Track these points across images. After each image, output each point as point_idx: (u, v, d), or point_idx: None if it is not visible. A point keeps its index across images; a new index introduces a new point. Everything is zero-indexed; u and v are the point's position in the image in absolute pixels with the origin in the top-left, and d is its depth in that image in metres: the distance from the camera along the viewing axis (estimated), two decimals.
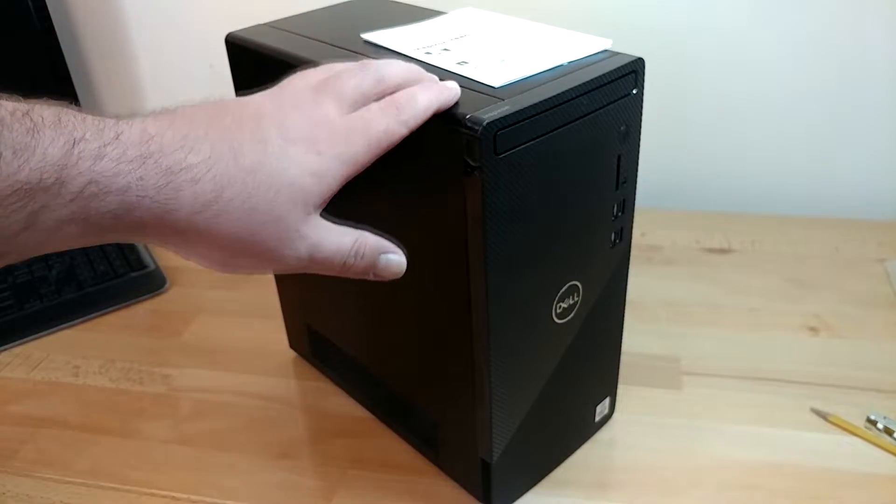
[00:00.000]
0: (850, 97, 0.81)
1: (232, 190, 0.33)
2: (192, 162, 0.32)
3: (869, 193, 0.85)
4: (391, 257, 0.40)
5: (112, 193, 0.30)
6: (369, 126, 0.36)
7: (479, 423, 0.47)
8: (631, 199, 0.48)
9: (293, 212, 0.34)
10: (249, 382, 0.64)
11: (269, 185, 0.33)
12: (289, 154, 0.34)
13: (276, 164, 0.34)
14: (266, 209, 0.33)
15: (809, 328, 0.67)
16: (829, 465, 0.53)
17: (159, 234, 0.33)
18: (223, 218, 0.33)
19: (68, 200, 0.29)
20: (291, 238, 0.35)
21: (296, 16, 0.54)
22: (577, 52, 0.44)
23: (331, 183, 0.35)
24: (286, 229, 0.34)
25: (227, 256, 0.35)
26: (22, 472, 0.57)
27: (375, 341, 0.55)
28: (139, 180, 0.30)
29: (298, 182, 0.34)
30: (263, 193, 0.33)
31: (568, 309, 0.47)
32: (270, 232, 0.34)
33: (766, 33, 0.79)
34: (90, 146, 0.29)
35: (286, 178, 0.34)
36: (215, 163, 0.32)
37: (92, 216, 0.30)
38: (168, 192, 0.31)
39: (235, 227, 0.33)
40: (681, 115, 0.85)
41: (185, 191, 0.31)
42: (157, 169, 0.31)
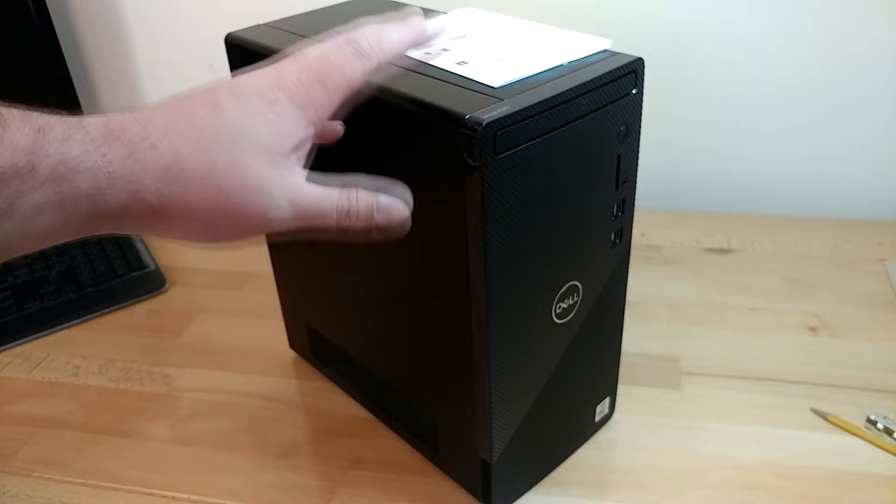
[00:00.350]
0: (849, 97, 0.81)
1: (188, 148, 0.33)
2: (149, 132, 0.33)
3: (869, 193, 0.85)
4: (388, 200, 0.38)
5: (82, 173, 0.31)
6: (323, 65, 0.35)
7: (479, 423, 0.47)
8: (631, 199, 0.48)
9: (256, 161, 0.33)
10: (249, 382, 0.64)
11: (225, 137, 0.33)
12: (241, 108, 0.34)
13: (229, 118, 0.34)
14: (226, 159, 0.33)
15: (809, 328, 0.67)
16: (829, 465, 0.53)
17: (134, 213, 0.33)
18: (187, 177, 0.33)
19: (41, 183, 0.30)
20: (262, 187, 0.34)
21: (296, 16, 0.54)
22: (577, 52, 0.44)
23: (291, 129, 0.34)
24: (254, 182, 0.33)
25: (207, 225, 0.34)
26: (22, 472, 0.57)
27: (375, 341, 0.55)
28: (104, 157, 0.31)
29: (255, 130, 0.34)
30: (220, 146, 0.33)
31: (568, 309, 0.47)
32: (236, 182, 0.33)
33: (766, 33, 0.79)
34: (56, 131, 0.31)
35: (241, 128, 0.33)
36: (170, 130, 0.33)
37: (67, 200, 0.31)
38: (132, 163, 0.32)
39: (202, 186, 0.33)
40: (681, 115, 0.85)
41: (147, 159, 0.32)
42: (119, 144, 0.32)
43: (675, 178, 0.88)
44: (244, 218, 0.34)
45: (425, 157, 0.41)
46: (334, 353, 0.60)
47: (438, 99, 0.39)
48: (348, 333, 0.57)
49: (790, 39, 0.79)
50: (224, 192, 0.33)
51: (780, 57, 0.80)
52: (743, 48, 0.80)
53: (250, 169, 0.33)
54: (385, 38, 0.37)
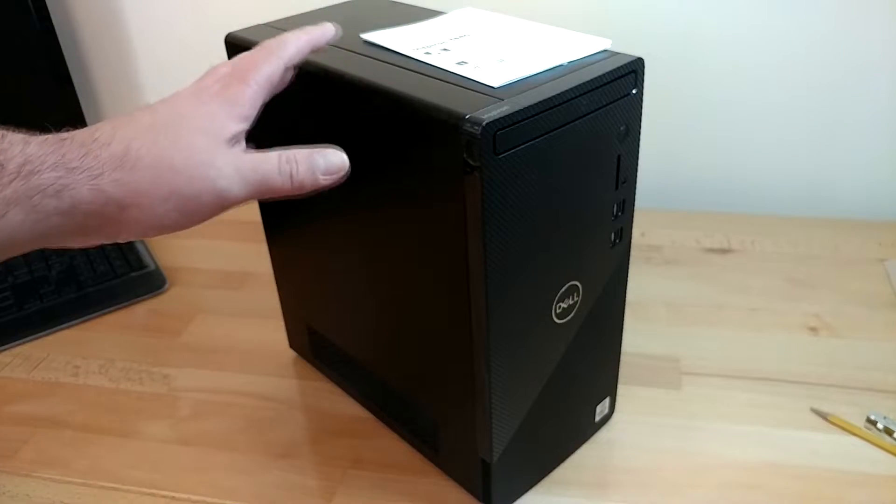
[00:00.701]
0: (850, 97, 0.81)
1: (138, 141, 0.36)
2: (98, 135, 0.36)
3: (869, 193, 0.85)
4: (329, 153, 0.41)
5: (45, 170, 0.34)
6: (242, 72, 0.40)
7: (479, 423, 0.47)
8: (631, 199, 0.48)
9: (196, 140, 0.37)
10: (249, 382, 0.64)
11: (169, 124, 0.37)
12: (179, 103, 0.39)
13: (170, 112, 0.38)
14: (172, 143, 0.37)
15: (809, 328, 0.67)
16: (829, 465, 0.53)
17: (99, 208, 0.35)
18: (141, 165, 0.36)
19: (10, 180, 0.33)
20: (208, 163, 0.37)
21: (296, 16, 0.54)
22: (577, 52, 0.44)
23: (224, 122, 0.38)
24: (200, 155, 0.37)
25: (168, 208, 0.37)
26: (22, 472, 0.57)
27: (375, 341, 0.55)
28: (62, 156, 0.34)
29: (194, 114, 0.38)
30: (164, 131, 0.37)
31: (568, 309, 0.47)
32: (186, 161, 0.37)
33: (767, 34, 0.79)
34: (15, 136, 0.34)
35: (181, 113, 0.38)
36: (118, 129, 0.37)
37: (34, 195, 0.33)
38: (89, 160, 0.35)
39: (155, 172, 0.36)
40: (680, 115, 0.85)
41: (101, 155, 0.35)
42: (73, 144, 0.35)
43: (675, 178, 0.88)
44: (198, 193, 0.37)
45: (425, 157, 0.41)
46: (334, 353, 0.60)
47: (438, 99, 0.39)
48: (348, 333, 0.57)
49: (791, 40, 0.79)
50: (175, 172, 0.37)
51: (780, 57, 0.80)
52: (743, 48, 0.80)
53: (193, 146, 0.37)
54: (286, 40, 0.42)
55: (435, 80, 0.42)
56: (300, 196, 0.40)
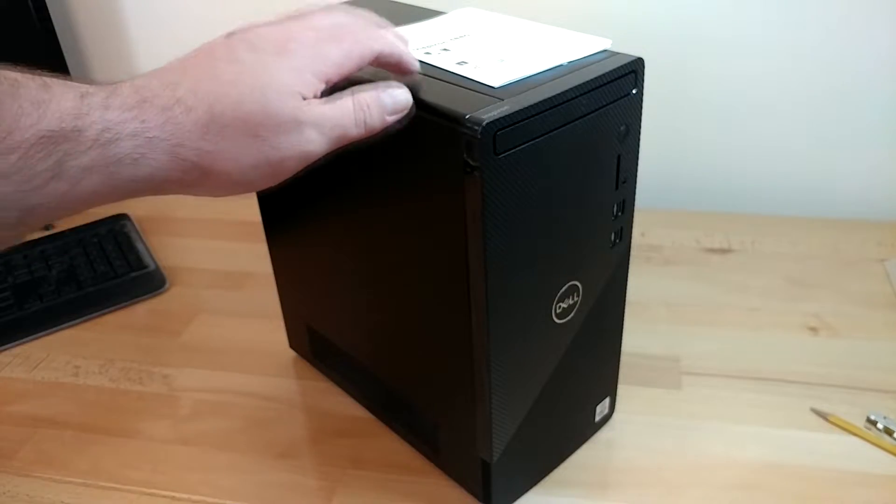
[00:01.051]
0: (850, 97, 0.81)
1: (221, 104, 0.35)
2: (179, 95, 0.34)
3: (869, 193, 0.85)
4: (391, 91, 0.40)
5: (124, 138, 0.32)
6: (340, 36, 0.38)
7: (479, 423, 0.47)
8: (631, 199, 0.48)
9: (283, 102, 0.36)
10: (249, 382, 0.64)
11: (253, 86, 0.35)
12: (262, 60, 0.36)
13: (254, 70, 0.36)
14: (259, 109, 0.35)
15: (809, 328, 0.67)
16: (829, 465, 0.53)
17: (180, 173, 0.35)
18: (227, 133, 0.35)
19: (88, 147, 0.32)
20: (293, 125, 0.36)
21: None
22: (577, 52, 0.44)
23: (310, 78, 0.37)
24: (285, 120, 0.36)
25: (248, 172, 0.36)
26: (22, 472, 0.57)
27: (375, 341, 0.55)
28: (143, 123, 0.33)
29: (279, 77, 0.36)
30: (250, 96, 0.35)
31: (568, 309, 0.47)
32: (273, 128, 0.36)
33: (767, 34, 0.79)
34: (96, 98, 0.32)
35: (266, 77, 0.36)
36: (199, 89, 0.35)
37: (111, 163, 0.32)
38: (170, 126, 0.34)
39: (239, 136, 0.35)
40: (680, 115, 0.85)
41: (184, 121, 0.34)
42: (154, 109, 0.33)
43: (675, 178, 0.88)
44: (284, 157, 0.37)
45: (425, 157, 0.41)
46: (334, 353, 0.60)
47: (438, 99, 0.39)
48: (348, 333, 0.57)
49: (791, 40, 0.79)
50: (262, 140, 0.35)
51: (780, 57, 0.80)
52: (743, 48, 0.80)
53: (282, 112, 0.36)
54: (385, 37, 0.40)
55: (435, 80, 0.42)
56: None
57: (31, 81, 0.31)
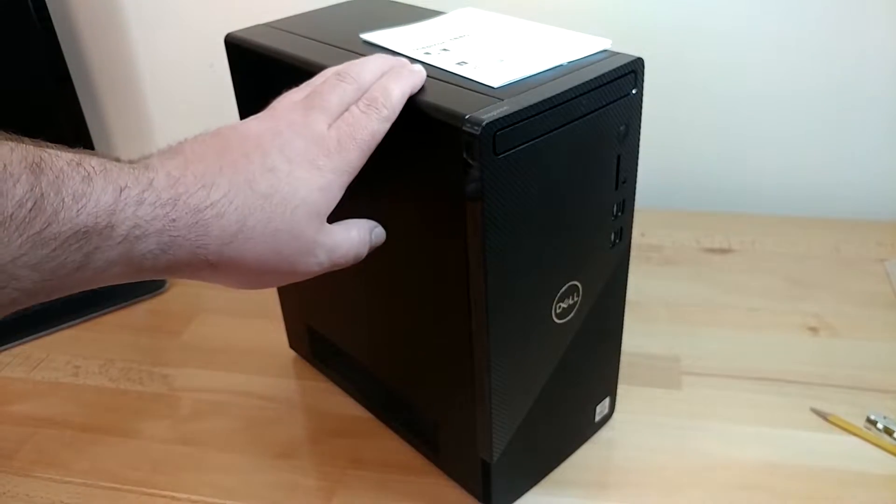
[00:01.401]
0: (850, 97, 0.81)
1: (254, 218, 0.36)
2: (214, 199, 0.35)
3: (869, 193, 0.85)
4: (377, 231, 0.44)
5: (151, 235, 0.33)
6: (356, 132, 0.39)
7: (479, 423, 0.47)
8: (631, 199, 0.48)
9: (309, 225, 0.38)
10: (249, 382, 0.64)
11: (286, 206, 0.36)
12: (296, 175, 0.37)
13: (288, 187, 0.37)
14: (287, 228, 0.37)
15: (809, 328, 0.67)
16: (829, 465, 0.53)
17: (192, 268, 0.35)
18: (250, 244, 0.36)
19: (117, 243, 0.32)
20: (311, 249, 0.38)
21: (296, 16, 0.54)
22: (577, 52, 0.44)
23: (336, 193, 0.38)
24: (306, 242, 0.38)
25: (255, 277, 0.38)
26: (22, 472, 0.57)
27: (375, 341, 0.55)
28: (172, 222, 0.33)
29: (309, 198, 0.37)
30: (281, 215, 0.36)
31: (568, 309, 0.47)
32: (293, 248, 0.37)
33: (767, 33, 0.79)
34: (132, 193, 0.32)
35: (298, 197, 0.37)
36: (235, 196, 0.35)
37: (135, 257, 0.33)
38: (198, 229, 0.34)
39: (261, 249, 0.36)
40: (680, 115, 0.85)
41: (213, 226, 0.34)
42: (186, 209, 0.34)
43: (675, 178, 0.88)
44: (292, 274, 0.39)
45: (425, 157, 0.41)
46: (334, 353, 0.60)
47: (438, 99, 0.39)
48: (348, 333, 0.57)
49: (791, 40, 0.79)
50: (280, 255, 0.37)
51: (780, 58, 0.80)
52: (743, 48, 0.80)
53: (305, 234, 0.38)
54: (392, 94, 0.40)
55: (435, 80, 0.42)
56: None
57: (74, 172, 0.31)
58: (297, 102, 0.40)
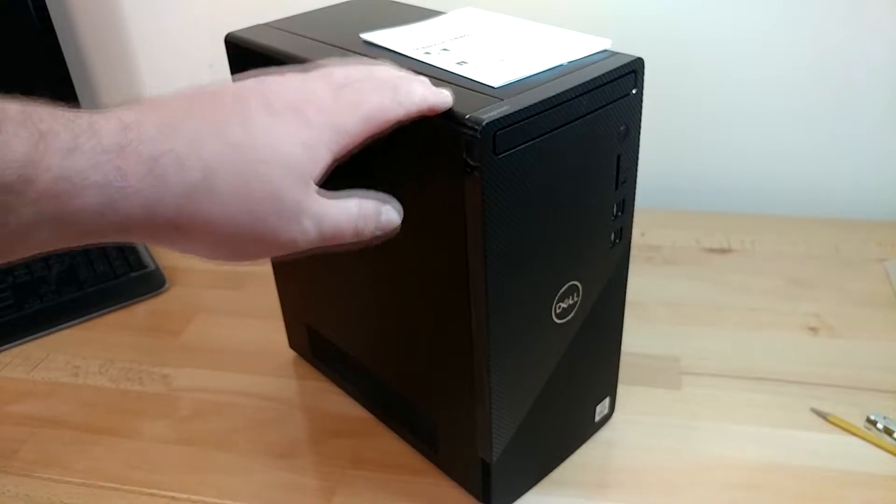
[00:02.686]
0: (850, 97, 0.81)
1: (219, 167, 0.30)
2: (174, 145, 0.30)
3: (869, 193, 0.85)
4: (388, 209, 0.39)
5: (89, 188, 0.28)
6: (362, 99, 0.35)
7: (479, 423, 0.47)
8: (631, 199, 0.48)
9: (290, 185, 0.32)
10: (249, 382, 0.64)
11: (260, 159, 0.31)
12: (276, 126, 0.32)
13: (265, 138, 0.32)
14: (260, 185, 0.31)
15: (809, 328, 0.67)
16: (829, 465, 0.53)
17: (150, 229, 0.30)
18: (216, 200, 0.31)
19: (35, 199, 0.27)
20: (293, 213, 0.33)
21: (296, 16, 0.54)
22: (577, 52, 0.44)
23: (324, 154, 0.33)
24: (285, 204, 0.32)
25: (230, 244, 0.33)
26: (22, 472, 0.57)
27: (375, 341, 0.55)
28: (117, 170, 0.28)
29: (290, 153, 0.32)
30: (255, 168, 0.31)
31: (568, 309, 0.47)
32: (269, 208, 0.32)
33: (767, 35, 0.79)
34: (60, 139, 0.27)
35: (276, 150, 0.32)
36: (200, 143, 0.30)
37: (67, 216, 0.28)
38: (151, 179, 0.29)
39: (231, 209, 0.31)
40: (680, 115, 0.85)
41: (171, 176, 0.29)
42: (137, 157, 0.29)
43: (675, 178, 0.88)
44: (272, 242, 0.33)
45: (425, 157, 0.41)
46: (334, 353, 0.60)
47: None
48: (348, 333, 0.57)
49: (791, 41, 0.79)
50: (253, 215, 0.32)
51: (780, 57, 0.80)
52: (743, 49, 0.80)
53: (283, 195, 0.32)
54: (416, 91, 0.37)
55: (435, 80, 0.41)
56: None
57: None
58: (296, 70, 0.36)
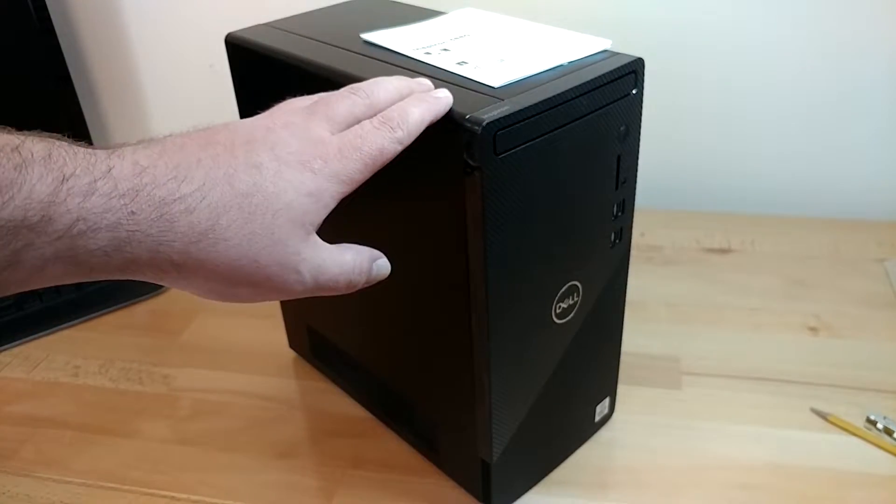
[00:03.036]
0: (850, 97, 0.81)
1: (228, 216, 0.31)
2: (185, 192, 0.31)
3: (869, 193, 0.85)
4: (381, 262, 0.40)
5: (102, 230, 0.29)
6: (364, 144, 0.35)
7: (479, 423, 0.47)
8: (631, 199, 0.48)
9: (293, 234, 0.33)
10: (249, 382, 0.64)
11: (267, 207, 0.32)
12: (284, 176, 0.33)
13: (272, 187, 0.33)
14: (265, 233, 0.32)
15: (809, 328, 0.67)
16: (829, 465, 0.53)
17: (154, 269, 0.31)
18: (221, 246, 0.32)
19: (54, 239, 0.28)
20: (293, 262, 0.34)
21: (296, 16, 0.54)
22: (577, 52, 0.44)
23: (328, 202, 0.35)
24: (287, 253, 0.33)
25: (227, 286, 0.33)
26: (21, 472, 0.57)
27: (375, 341, 0.55)
28: (130, 215, 0.29)
29: (296, 203, 0.33)
30: (261, 217, 0.32)
31: (568, 309, 0.47)
32: (272, 257, 0.33)
33: (767, 35, 0.79)
34: (80, 182, 0.28)
35: (283, 199, 0.33)
36: (210, 190, 0.31)
37: (80, 254, 0.29)
38: (161, 224, 0.30)
39: (235, 254, 0.32)
40: (680, 115, 0.85)
41: (180, 222, 0.30)
42: (150, 201, 0.30)
43: (675, 178, 0.88)
44: (268, 287, 0.34)
45: (425, 157, 0.41)
46: (334, 353, 0.60)
47: None
48: (348, 333, 0.57)
49: (791, 41, 0.79)
50: (256, 263, 0.33)
51: (780, 58, 0.80)
52: (743, 49, 0.80)
53: (287, 244, 0.33)
54: (410, 117, 0.37)
55: (435, 80, 0.41)
56: None
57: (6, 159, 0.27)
58: (300, 108, 0.37)
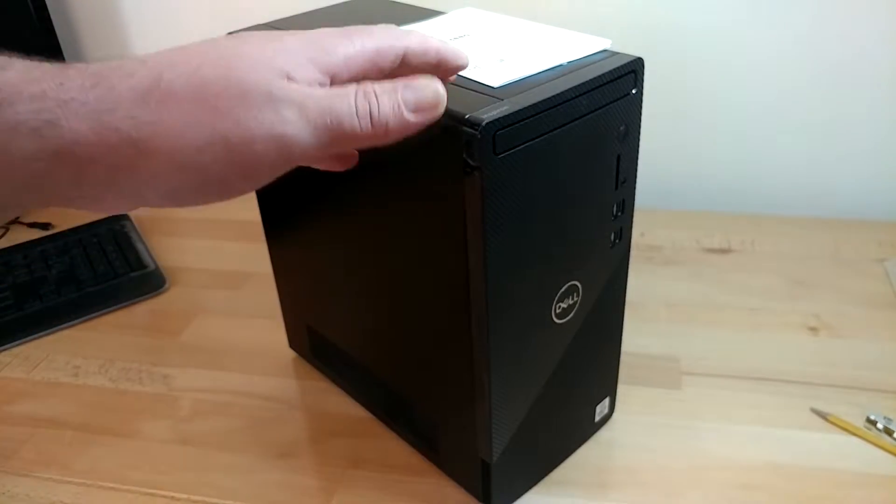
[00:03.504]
0: (849, 97, 0.81)
1: (173, 71, 0.27)
2: (124, 63, 0.28)
3: (869, 193, 0.85)
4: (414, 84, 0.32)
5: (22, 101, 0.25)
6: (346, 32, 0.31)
7: (479, 423, 0.47)
8: (630, 199, 0.48)
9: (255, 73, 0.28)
10: (249, 382, 0.64)
11: (220, 56, 0.28)
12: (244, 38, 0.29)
13: (229, 43, 0.29)
14: (219, 74, 0.27)
15: (809, 328, 0.67)
16: (829, 465, 0.53)
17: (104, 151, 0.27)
18: (172, 102, 0.27)
19: None
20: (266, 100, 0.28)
21: (296, 16, 0.54)
22: (577, 52, 0.44)
23: (302, 61, 0.29)
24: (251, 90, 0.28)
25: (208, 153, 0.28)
26: (21, 472, 0.57)
27: (375, 341, 0.55)
28: (58, 84, 0.26)
29: (258, 52, 0.29)
30: (212, 65, 0.28)
31: (568, 309, 0.47)
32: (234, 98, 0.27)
33: (766, 33, 0.79)
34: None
35: (242, 50, 0.28)
36: (151, 58, 0.28)
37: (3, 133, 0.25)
38: (99, 90, 0.26)
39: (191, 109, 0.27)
40: (680, 115, 0.85)
41: (119, 87, 0.27)
42: (82, 73, 0.26)
43: (676, 178, 0.88)
44: (249, 138, 0.28)
45: (425, 157, 0.41)
46: (334, 353, 0.60)
47: None
48: (348, 333, 0.57)
49: (790, 40, 0.79)
50: (217, 112, 0.27)
51: (779, 57, 0.80)
52: (743, 48, 0.80)
53: (246, 80, 0.28)
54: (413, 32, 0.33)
55: None
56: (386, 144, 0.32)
57: None
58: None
